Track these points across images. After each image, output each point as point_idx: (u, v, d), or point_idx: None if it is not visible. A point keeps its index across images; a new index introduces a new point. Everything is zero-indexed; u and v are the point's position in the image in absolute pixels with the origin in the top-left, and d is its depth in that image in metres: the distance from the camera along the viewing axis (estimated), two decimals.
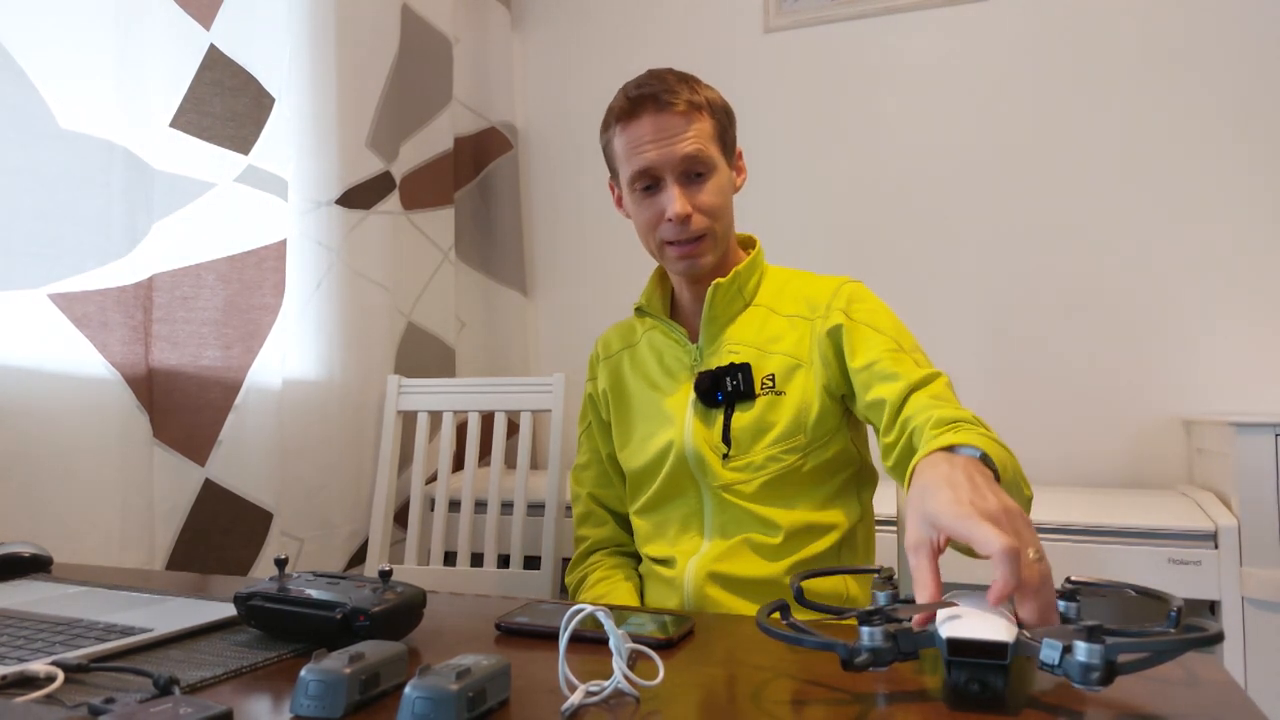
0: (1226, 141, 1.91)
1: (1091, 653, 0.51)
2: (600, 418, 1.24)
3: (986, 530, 0.60)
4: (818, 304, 1.10)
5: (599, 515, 1.24)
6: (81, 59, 1.29)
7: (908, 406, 0.95)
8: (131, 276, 1.35)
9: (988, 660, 0.54)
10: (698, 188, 1.06)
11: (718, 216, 1.08)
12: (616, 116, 1.08)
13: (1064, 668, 0.52)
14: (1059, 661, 0.52)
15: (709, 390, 1.08)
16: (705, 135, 1.06)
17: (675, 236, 1.07)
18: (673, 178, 1.05)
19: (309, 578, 0.74)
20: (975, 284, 2.09)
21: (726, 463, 1.07)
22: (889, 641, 0.56)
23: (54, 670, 0.61)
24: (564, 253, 2.48)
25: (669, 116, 1.04)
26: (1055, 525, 1.55)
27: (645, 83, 1.06)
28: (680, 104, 1.04)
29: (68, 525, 1.25)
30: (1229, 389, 1.89)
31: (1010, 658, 0.54)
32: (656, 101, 1.04)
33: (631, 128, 1.06)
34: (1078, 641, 0.52)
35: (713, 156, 1.07)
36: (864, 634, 0.57)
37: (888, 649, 0.56)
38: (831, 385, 1.06)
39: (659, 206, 1.06)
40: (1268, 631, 1.42)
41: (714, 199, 1.07)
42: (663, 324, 1.17)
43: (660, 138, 1.04)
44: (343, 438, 1.78)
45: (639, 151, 1.05)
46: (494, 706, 0.55)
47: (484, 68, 2.39)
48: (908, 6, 2.15)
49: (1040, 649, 0.54)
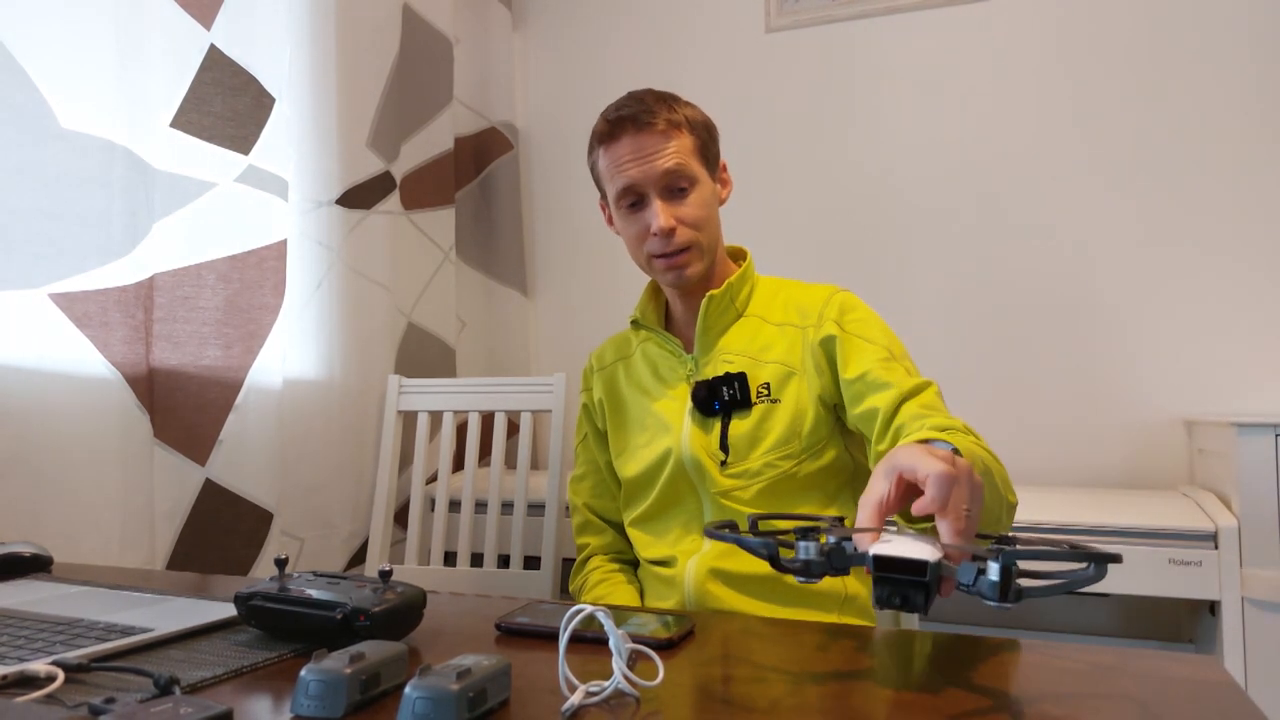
0: (1227, 141, 1.91)
1: (996, 570, 0.56)
2: (596, 428, 1.26)
3: (933, 461, 0.63)
4: (809, 312, 1.12)
5: (597, 524, 1.26)
6: (82, 59, 1.29)
7: (900, 415, 0.97)
8: (132, 276, 1.35)
9: (909, 577, 0.58)
10: (681, 201, 1.09)
11: (702, 228, 1.10)
12: (599, 139, 1.12)
13: (978, 586, 0.57)
14: (974, 581, 0.57)
15: (706, 399, 1.10)
16: (685, 151, 1.09)
17: (661, 250, 1.10)
18: (655, 193, 1.08)
19: (309, 578, 0.74)
20: (975, 284, 2.08)
21: (724, 469, 1.09)
22: (821, 557, 0.63)
23: (54, 670, 0.61)
24: (564, 253, 2.48)
25: (648, 135, 1.08)
26: (1056, 525, 1.55)
27: (624, 105, 1.10)
28: (659, 123, 1.08)
29: (68, 525, 1.25)
30: (1229, 389, 1.89)
31: (930, 575, 0.58)
32: (635, 122, 1.08)
33: (613, 149, 1.10)
34: (990, 561, 0.56)
35: (694, 171, 1.10)
36: (799, 547, 0.63)
37: (819, 562, 0.63)
38: (825, 395, 1.08)
39: (644, 222, 1.10)
40: (1268, 631, 1.41)
41: (697, 211, 1.10)
42: (657, 335, 1.19)
43: (640, 156, 1.08)
44: (343, 438, 1.78)
45: (621, 170, 1.09)
46: (494, 706, 0.55)
47: (484, 68, 2.39)
48: (908, 6, 2.15)
49: (957, 570, 0.58)
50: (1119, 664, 0.64)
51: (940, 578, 0.58)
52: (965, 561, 0.58)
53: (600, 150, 1.12)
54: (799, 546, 0.63)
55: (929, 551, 0.59)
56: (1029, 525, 1.57)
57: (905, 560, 0.58)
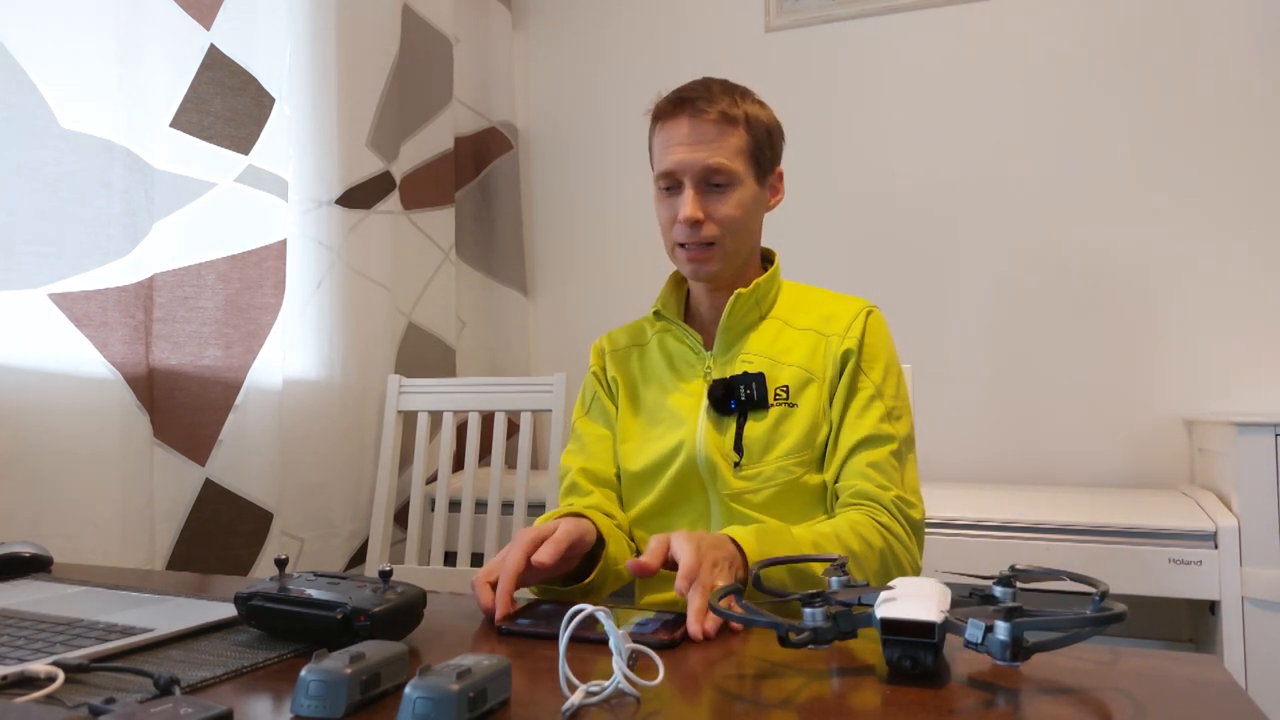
0: (1228, 142, 1.91)
1: (1005, 631, 0.56)
2: (608, 395, 1.21)
3: (689, 553, 0.78)
4: (835, 321, 1.11)
5: (583, 487, 1.16)
6: (82, 59, 1.29)
7: (849, 464, 1.05)
8: (132, 276, 1.35)
9: (918, 639, 0.59)
10: (717, 197, 1.08)
11: (732, 229, 1.09)
12: (656, 115, 1.11)
13: (986, 645, 0.57)
14: (981, 639, 0.57)
15: (723, 398, 1.09)
16: (733, 149, 1.08)
17: (685, 239, 1.09)
18: (691, 183, 1.07)
19: (309, 578, 0.74)
20: (976, 284, 2.08)
21: (737, 471, 1.07)
22: (829, 622, 0.62)
23: (54, 670, 0.60)
24: (564, 253, 2.48)
25: (701, 124, 1.07)
26: (1056, 525, 1.55)
27: (690, 87, 1.10)
28: (713, 113, 1.07)
29: (68, 525, 1.25)
30: (1230, 389, 1.89)
31: (938, 636, 0.59)
32: (693, 107, 1.07)
33: (667, 128, 1.09)
34: (998, 621, 0.57)
35: (736, 170, 1.08)
36: (806, 615, 0.63)
37: (827, 629, 0.62)
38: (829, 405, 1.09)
39: (675, 208, 1.09)
40: (1268, 631, 1.41)
41: (731, 211, 1.08)
42: (677, 328, 1.17)
43: (688, 143, 1.07)
44: (343, 438, 1.78)
45: (667, 152, 1.09)
46: (494, 707, 0.55)
47: (484, 68, 2.39)
48: (908, 6, 2.15)
49: (965, 629, 0.58)
50: (1118, 663, 0.64)
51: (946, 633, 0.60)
52: (971, 620, 0.58)
53: (656, 126, 1.11)
54: (805, 614, 0.63)
55: (934, 611, 0.59)
56: (1031, 525, 1.57)
57: (912, 622, 0.59)
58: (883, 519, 1.01)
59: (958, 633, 0.59)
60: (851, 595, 0.66)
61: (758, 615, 0.64)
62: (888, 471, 1.04)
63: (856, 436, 1.05)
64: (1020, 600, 0.66)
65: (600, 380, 1.23)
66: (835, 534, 0.96)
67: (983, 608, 0.64)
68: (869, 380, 1.08)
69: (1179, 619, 1.88)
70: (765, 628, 0.64)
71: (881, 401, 1.07)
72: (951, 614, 0.61)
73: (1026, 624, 0.56)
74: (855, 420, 1.06)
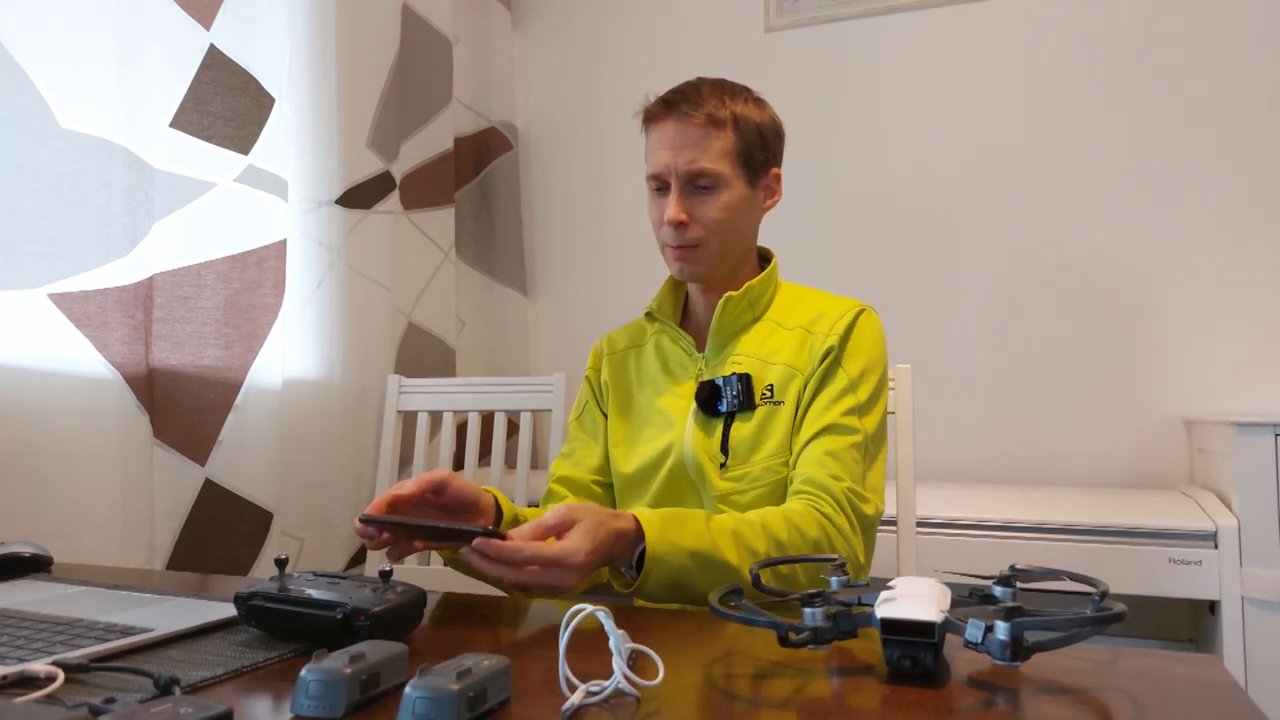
0: (1228, 142, 1.91)
1: (1005, 631, 0.56)
2: (598, 402, 1.23)
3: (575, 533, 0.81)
4: (824, 319, 1.10)
5: (559, 494, 1.18)
6: (81, 59, 1.29)
7: (807, 450, 1.04)
8: (132, 276, 1.35)
9: (918, 639, 0.59)
10: (702, 199, 1.08)
11: (717, 232, 1.08)
12: (646, 117, 1.12)
13: (986, 645, 0.57)
14: (981, 639, 0.58)
15: (709, 400, 1.09)
16: (719, 151, 1.07)
17: (670, 241, 1.09)
18: (676, 185, 1.07)
19: (309, 578, 0.74)
20: (975, 284, 2.08)
21: (724, 472, 1.07)
22: (829, 621, 0.63)
23: (54, 670, 0.60)
24: (564, 253, 2.48)
25: (687, 126, 1.07)
26: (1057, 525, 1.55)
27: (679, 89, 1.10)
28: (699, 116, 1.06)
29: (68, 525, 1.25)
30: (1229, 389, 1.89)
31: (938, 636, 0.59)
32: (679, 110, 1.07)
33: (655, 130, 1.10)
34: (998, 621, 0.57)
35: (721, 173, 1.07)
36: (806, 614, 0.63)
37: (827, 628, 0.62)
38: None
39: (664, 209, 1.09)
40: (1268, 631, 1.41)
41: (716, 214, 1.08)
42: (670, 330, 1.17)
43: (672, 145, 1.07)
44: (343, 437, 1.78)
45: (655, 154, 1.09)
46: (494, 706, 0.55)
47: (484, 68, 2.39)
48: (908, 6, 2.15)
49: (965, 628, 0.58)
50: (1118, 663, 0.64)
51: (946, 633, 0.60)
52: (971, 620, 0.59)
53: (646, 128, 1.12)
54: (805, 614, 0.63)
55: (934, 611, 0.60)
56: (1031, 525, 1.57)
57: (912, 622, 0.59)
58: (826, 509, 0.98)
59: (958, 633, 0.59)
60: (851, 595, 0.67)
61: (758, 615, 0.64)
62: (846, 463, 1.02)
63: (820, 424, 1.04)
64: (1020, 600, 0.66)
65: (593, 385, 1.24)
66: (763, 522, 0.94)
67: (983, 608, 0.64)
68: (844, 374, 1.06)
69: (1179, 619, 1.88)
70: (765, 628, 0.64)
71: (853, 395, 1.05)
72: (951, 614, 0.61)
73: (1026, 624, 0.57)
74: (822, 410, 1.05)
